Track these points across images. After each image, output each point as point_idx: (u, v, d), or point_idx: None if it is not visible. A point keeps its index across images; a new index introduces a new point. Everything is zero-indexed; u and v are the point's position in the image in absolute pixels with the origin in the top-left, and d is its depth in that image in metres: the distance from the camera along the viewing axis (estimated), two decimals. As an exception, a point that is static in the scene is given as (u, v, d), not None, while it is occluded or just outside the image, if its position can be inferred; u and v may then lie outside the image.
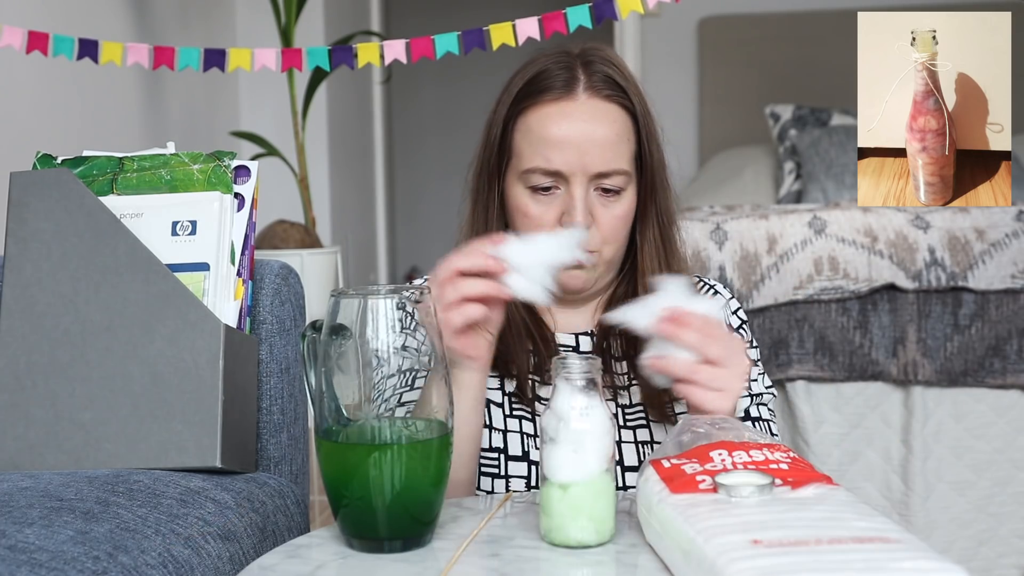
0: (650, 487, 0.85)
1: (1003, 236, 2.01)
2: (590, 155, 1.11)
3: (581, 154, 1.11)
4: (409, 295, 0.86)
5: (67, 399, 1.13)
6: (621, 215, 1.14)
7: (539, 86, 1.14)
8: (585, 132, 1.11)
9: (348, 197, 4.26)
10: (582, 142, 1.11)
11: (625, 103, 1.14)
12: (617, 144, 1.12)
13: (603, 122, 1.12)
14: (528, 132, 1.14)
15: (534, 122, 1.13)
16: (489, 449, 1.15)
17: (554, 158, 1.11)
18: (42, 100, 2.35)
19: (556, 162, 1.11)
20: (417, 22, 5.48)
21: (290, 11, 3.09)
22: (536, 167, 1.12)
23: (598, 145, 1.11)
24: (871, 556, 0.70)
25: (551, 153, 1.11)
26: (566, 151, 1.11)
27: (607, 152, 1.11)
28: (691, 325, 0.97)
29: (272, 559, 0.86)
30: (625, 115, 1.14)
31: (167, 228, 1.20)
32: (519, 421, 1.16)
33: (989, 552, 2.02)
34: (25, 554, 0.86)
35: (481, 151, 1.20)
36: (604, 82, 1.13)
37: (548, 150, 1.11)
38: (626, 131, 1.14)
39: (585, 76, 1.13)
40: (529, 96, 1.14)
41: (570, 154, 1.11)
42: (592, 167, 1.11)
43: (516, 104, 1.15)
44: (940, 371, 1.98)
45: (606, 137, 1.12)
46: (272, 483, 1.18)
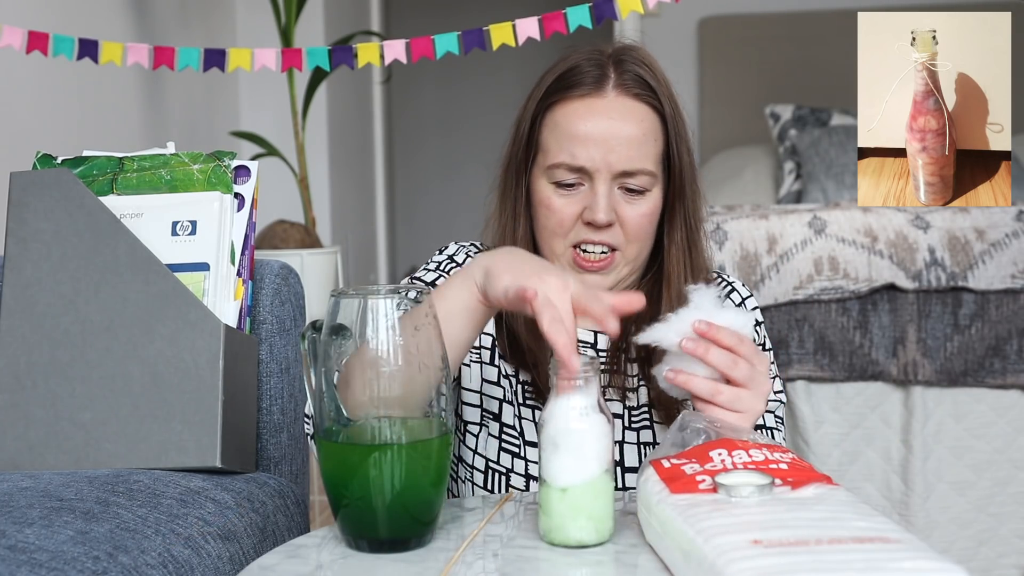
0: (650, 487, 0.85)
1: (1003, 236, 2.01)
2: (615, 153, 1.10)
3: (606, 151, 1.10)
4: (410, 296, 0.86)
5: (67, 399, 1.13)
6: (646, 213, 1.13)
7: (569, 82, 1.13)
8: (611, 129, 1.11)
9: (348, 197, 4.26)
10: (608, 139, 1.11)
11: (654, 103, 1.13)
12: (643, 144, 1.12)
13: (630, 120, 1.12)
14: (555, 127, 1.14)
15: (561, 117, 1.13)
16: (512, 427, 1.16)
17: (579, 154, 1.11)
18: (42, 100, 2.35)
19: (581, 158, 1.11)
20: (417, 22, 5.49)
21: (290, 11, 3.09)
22: (561, 162, 1.12)
23: (624, 143, 1.11)
24: (871, 556, 0.70)
25: (576, 149, 1.11)
26: (591, 147, 1.11)
27: (632, 151, 1.11)
28: (720, 342, 0.96)
29: (272, 559, 0.86)
30: (654, 115, 1.13)
31: (167, 228, 1.20)
32: (532, 411, 1.17)
33: (989, 552, 2.02)
34: (25, 554, 0.86)
35: (510, 146, 1.20)
36: (634, 81, 1.13)
37: (573, 146, 1.11)
38: (654, 131, 1.13)
39: (616, 74, 1.13)
40: (558, 91, 1.14)
41: (595, 151, 1.11)
42: (617, 165, 1.11)
43: (545, 99, 1.15)
44: (940, 371, 1.98)
45: (632, 136, 1.11)
46: (272, 483, 1.18)
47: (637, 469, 1.14)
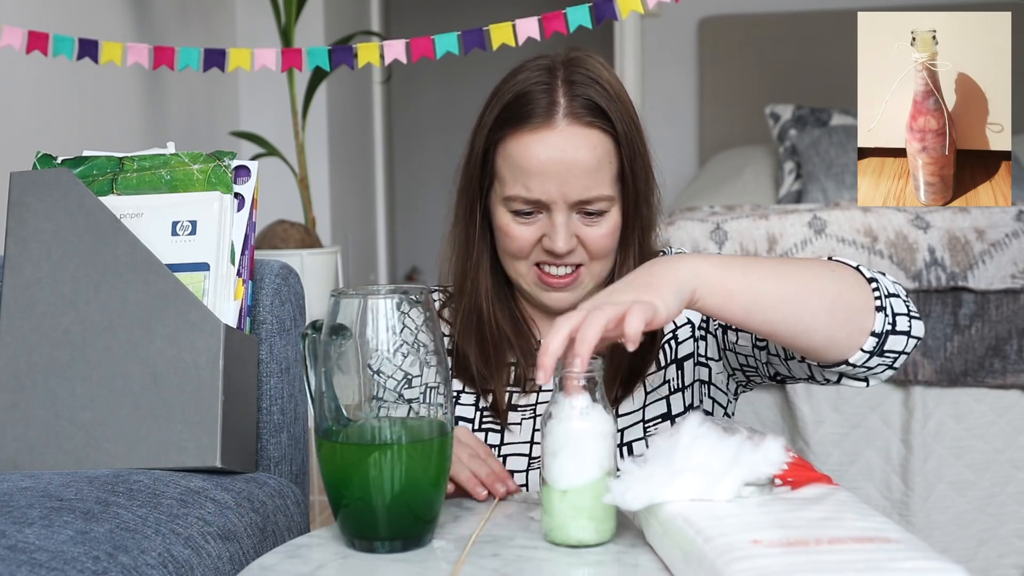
0: (650, 487, 0.85)
1: (1003, 236, 2.01)
2: (570, 184, 1.10)
3: (561, 183, 1.10)
4: (410, 297, 0.86)
5: (67, 399, 1.13)
6: (606, 233, 1.14)
7: (518, 113, 1.12)
8: (565, 161, 1.10)
9: (348, 197, 4.26)
10: (561, 171, 1.10)
11: (606, 127, 1.11)
12: (598, 170, 1.11)
13: (582, 149, 1.10)
14: (508, 158, 1.13)
15: (513, 150, 1.12)
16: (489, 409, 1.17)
17: (534, 187, 1.10)
18: (42, 100, 2.35)
19: (536, 191, 1.10)
20: (417, 22, 5.49)
21: (290, 11, 3.09)
22: (516, 195, 1.12)
23: (578, 173, 1.10)
24: (871, 556, 0.70)
25: (531, 182, 1.10)
26: (545, 180, 1.10)
27: (587, 179, 1.10)
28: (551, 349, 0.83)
29: (272, 559, 0.86)
30: (607, 138, 1.12)
31: (167, 228, 1.20)
32: (486, 434, 1.18)
33: (989, 552, 2.02)
34: (25, 554, 0.86)
35: (464, 168, 1.19)
36: (585, 107, 1.11)
37: (528, 179, 1.10)
38: (607, 154, 1.12)
39: (566, 100, 1.11)
40: (508, 123, 1.12)
41: (549, 183, 1.10)
42: (572, 195, 1.10)
43: (496, 130, 1.14)
44: (940, 371, 1.98)
45: (586, 164, 1.10)
46: (272, 483, 1.18)
47: None
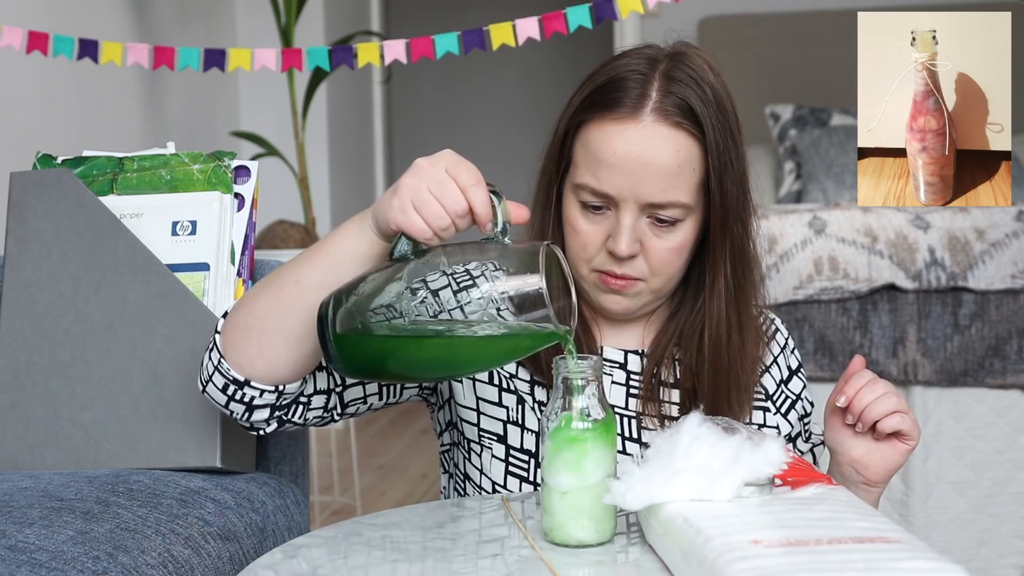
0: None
1: (1003, 236, 2.01)
2: (644, 183, 1.03)
3: (634, 181, 1.03)
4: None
5: (67, 399, 1.13)
6: (674, 247, 1.06)
7: (606, 98, 1.05)
8: (643, 158, 1.03)
9: (348, 197, 4.26)
10: (637, 168, 1.03)
11: (694, 131, 1.04)
12: (677, 175, 1.04)
13: (664, 149, 1.03)
14: (585, 145, 1.06)
15: (592, 137, 1.06)
16: (520, 450, 1.09)
17: (605, 180, 1.04)
18: (42, 100, 2.35)
19: (606, 184, 1.04)
20: (417, 22, 5.48)
21: (290, 11, 3.09)
22: (586, 184, 1.05)
23: (655, 174, 1.03)
24: (871, 556, 0.70)
25: (603, 174, 1.04)
26: (617, 175, 1.03)
27: (664, 182, 1.03)
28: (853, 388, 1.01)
29: (272, 559, 0.86)
30: (693, 143, 1.04)
31: (167, 228, 1.20)
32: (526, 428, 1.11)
33: (989, 552, 2.02)
34: (25, 554, 0.86)
35: (547, 149, 1.13)
36: (676, 106, 1.04)
37: (600, 170, 1.04)
38: (691, 160, 1.04)
39: (658, 95, 1.04)
40: (593, 107, 1.06)
41: (622, 179, 1.03)
42: (645, 196, 1.03)
43: (580, 113, 1.07)
44: (940, 371, 1.98)
45: (665, 166, 1.03)
46: (272, 483, 1.18)
47: None
